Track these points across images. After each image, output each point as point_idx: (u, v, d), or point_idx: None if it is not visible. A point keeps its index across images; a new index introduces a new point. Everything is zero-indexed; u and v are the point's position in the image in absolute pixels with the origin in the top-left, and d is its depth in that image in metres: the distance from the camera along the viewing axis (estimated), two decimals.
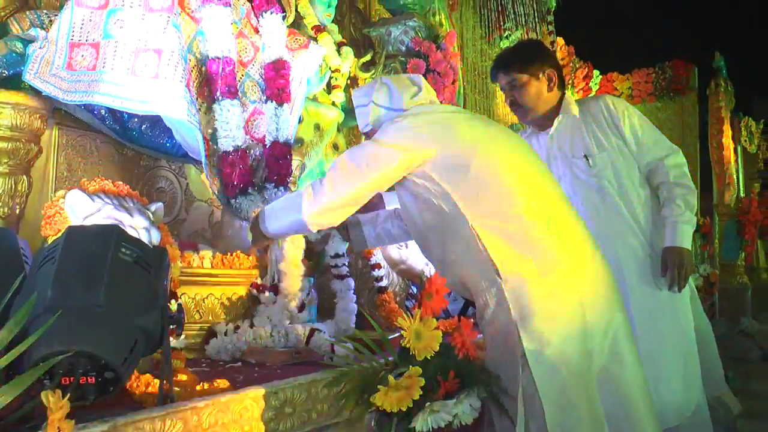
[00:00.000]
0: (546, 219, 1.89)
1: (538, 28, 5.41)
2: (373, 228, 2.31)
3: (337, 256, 2.62)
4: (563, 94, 2.63)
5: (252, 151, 2.56)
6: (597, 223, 2.49)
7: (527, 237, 1.84)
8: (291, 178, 2.70)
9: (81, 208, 1.75)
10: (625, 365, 1.89)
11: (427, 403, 1.63)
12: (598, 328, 1.85)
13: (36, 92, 2.17)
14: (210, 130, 2.49)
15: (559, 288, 1.82)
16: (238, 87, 2.55)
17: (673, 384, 2.49)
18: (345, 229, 2.32)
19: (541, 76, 2.54)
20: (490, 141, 1.95)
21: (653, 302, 2.53)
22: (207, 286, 2.28)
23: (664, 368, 2.49)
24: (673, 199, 2.54)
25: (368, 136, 2.09)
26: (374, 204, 2.35)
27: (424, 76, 3.81)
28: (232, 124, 2.44)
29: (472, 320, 1.79)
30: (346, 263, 2.63)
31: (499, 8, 5.21)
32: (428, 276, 1.79)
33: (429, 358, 1.66)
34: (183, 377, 1.68)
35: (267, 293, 2.35)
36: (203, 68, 2.51)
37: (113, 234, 1.44)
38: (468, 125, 2.00)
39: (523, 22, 5.23)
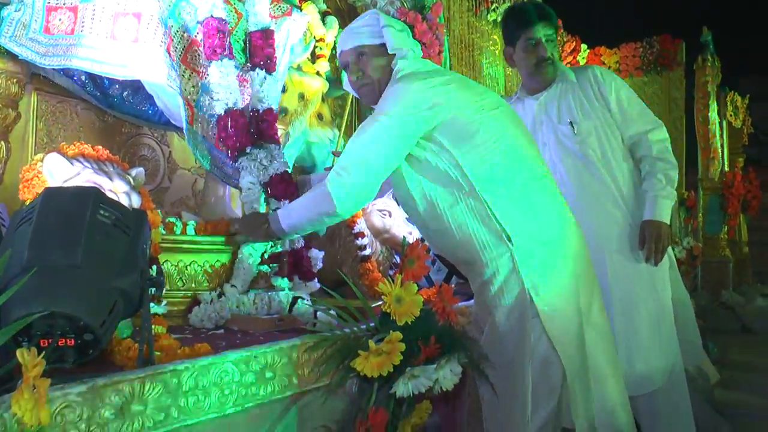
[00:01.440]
0: (543, 190, 1.97)
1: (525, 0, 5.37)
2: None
3: None
4: None
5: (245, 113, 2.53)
6: (579, 190, 2.55)
7: (531, 204, 1.91)
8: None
9: (60, 172, 1.73)
10: (600, 334, 1.98)
11: (408, 369, 1.64)
12: (586, 298, 1.95)
13: (12, 56, 2.14)
14: (195, 97, 2.45)
15: (559, 255, 1.91)
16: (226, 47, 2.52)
17: (648, 352, 2.53)
18: None
19: (557, 38, 2.61)
20: (493, 109, 1.99)
21: (631, 271, 2.56)
22: (190, 254, 2.26)
23: (640, 336, 2.53)
24: (655, 173, 2.57)
25: (359, 55, 2.08)
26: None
27: None
28: (225, 86, 2.40)
29: (453, 287, 1.80)
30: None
31: None
32: (410, 243, 1.79)
33: (410, 323, 1.67)
34: (165, 343, 1.68)
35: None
36: (186, 34, 2.47)
37: (91, 196, 1.43)
38: (473, 92, 2.02)
39: None
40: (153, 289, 1.53)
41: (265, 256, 2.30)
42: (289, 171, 2.43)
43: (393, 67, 2.04)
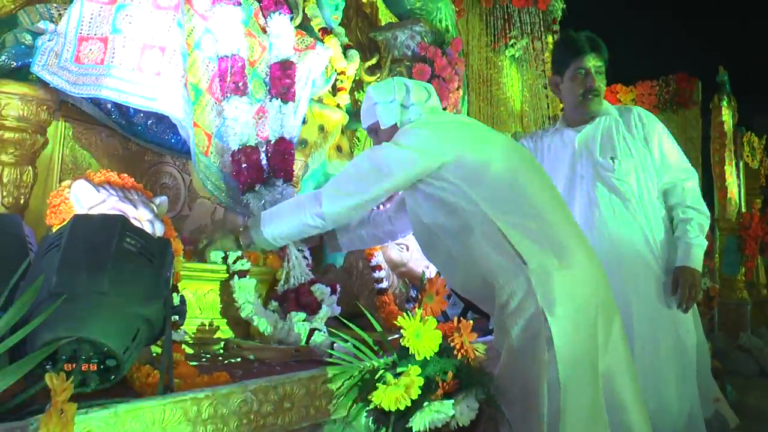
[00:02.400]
0: (559, 221, 2.00)
1: (543, 37, 5.44)
2: (347, 233, 2.44)
3: None
4: None
5: (260, 148, 2.57)
6: (612, 226, 2.59)
7: (546, 234, 1.94)
8: (294, 178, 2.71)
9: (86, 199, 1.76)
10: (621, 369, 1.98)
11: (426, 403, 1.65)
12: (604, 328, 1.94)
13: (43, 84, 2.19)
14: (215, 128, 2.50)
15: (577, 283, 1.91)
16: (247, 85, 2.57)
17: (668, 394, 2.51)
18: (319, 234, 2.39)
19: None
20: (504, 149, 2.06)
21: (655, 313, 2.56)
22: (209, 282, 2.29)
23: (661, 378, 2.51)
24: (689, 221, 2.60)
25: (374, 132, 2.21)
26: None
27: (429, 81, 3.86)
28: (241, 122, 2.45)
29: (471, 323, 1.81)
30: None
31: (506, 16, 5.24)
32: (429, 278, 1.80)
33: (428, 358, 1.68)
34: (183, 370, 1.69)
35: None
36: (211, 65, 2.53)
37: (118, 223, 1.46)
38: (483, 134, 2.11)
39: (529, 31, 5.26)
40: (175, 317, 1.56)
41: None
42: None
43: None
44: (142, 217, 1.84)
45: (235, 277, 2.24)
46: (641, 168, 2.63)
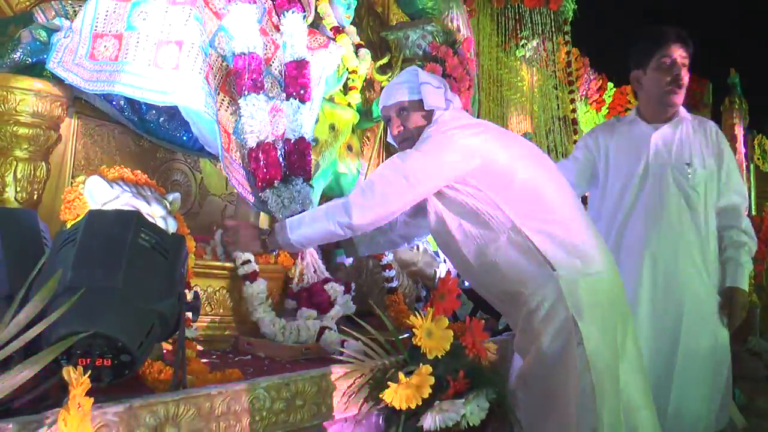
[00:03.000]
0: (582, 228, 2.03)
1: (554, 37, 5.43)
2: (364, 238, 2.42)
3: None
4: None
5: (275, 145, 2.58)
6: (677, 230, 2.59)
7: (572, 241, 1.96)
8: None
9: (100, 194, 1.76)
10: (633, 366, 2.00)
11: (436, 402, 1.65)
12: (621, 333, 1.98)
13: (58, 81, 2.20)
14: (233, 125, 2.51)
15: (600, 290, 1.95)
16: (264, 82, 2.57)
17: (698, 400, 2.55)
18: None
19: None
20: (528, 158, 2.07)
21: (702, 325, 2.58)
22: (218, 279, 2.29)
23: (698, 380, 2.55)
24: (742, 245, 2.63)
25: (402, 110, 2.19)
26: None
27: None
28: (258, 119, 2.45)
29: (483, 322, 1.81)
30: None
31: (517, 17, 5.23)
32: (441, 277, 1.81)
33: (439, 357, 1.68)
34: (195, 366, 1.70)
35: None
36: (225, 64, 2.53)
37: (133, 219, 1.46)
38: (508, 140, 2.11)
39: (540, 32, 5.25)
40: (189, 313, 1.56)
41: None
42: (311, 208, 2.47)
43: (433, 121, 2.14)
44: (155, 213, 1.85)
45: (246, 282, 2.25)
46: (710, 181, 2.63)
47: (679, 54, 2.61)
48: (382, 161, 4.59)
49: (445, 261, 3.56)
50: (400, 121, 2.21)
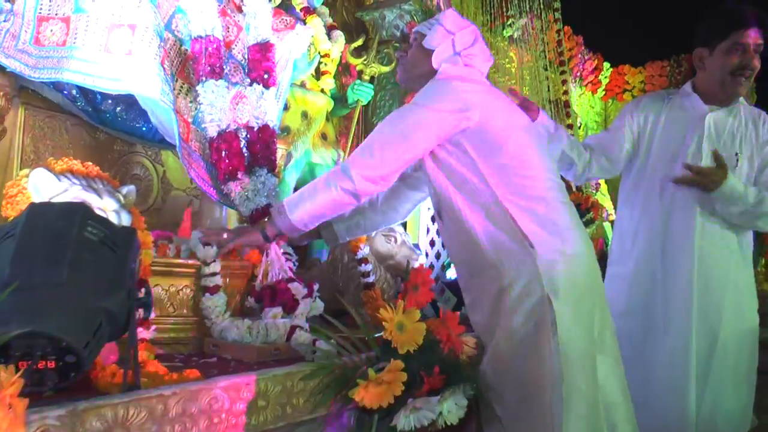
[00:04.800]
0: (565, 212, 2.09)
1: (543, 15, 5.45)
2: (343, 222, 2.45)
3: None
4: None
5: (239, 134, 2.58)
6: (716, 220, 2.66)
7: (553, 220, 2.02)
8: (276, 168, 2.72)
9: (46, 188, 1.76)
10: (612, 360, 2.06)
11: (410, 400, 1.66)
12: (598, 324, 2.03)
13: (0, 69, 2.19)
14: (192, 113, 2.50)
15: (579, 273, 2.01)
16: (223, 67, 2.57)
17: (734, 399, 2.68)
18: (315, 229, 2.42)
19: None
20: (523, 130, 2.14)
21: (739, 316, 2.70)
22: (182, 278, 2.30)
23: (733, 380, 2.67)
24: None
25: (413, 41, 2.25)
26: None
27: None
28: (218, 106, 2.45)
29: (458, 314, 1.83)
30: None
31: None
32: (413, 267, 1.82)
33: (412, 351, 1.70)
34: (152, 369, 1.70)
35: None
36: (182, 48, 2.53)
37: (79, 212, 1.47)
38: (507, 106, 2.18)
39: (528, 9, 5.26)
40: (141, 311, 1.57)
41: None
42: (275, 202, 2.47)
43: (435, 68, 2.20)
44: (107, 207, 1.85)
45: (206, 294, 2.25)
46: (751, 173, 2.69)
47: (753, 39, 2.59)
48: None
49: (427, 255, 3.59)
50: (407, 47, 2.31)
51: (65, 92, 2.47)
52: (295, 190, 3.42)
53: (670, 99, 2.84)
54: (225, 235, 2.26)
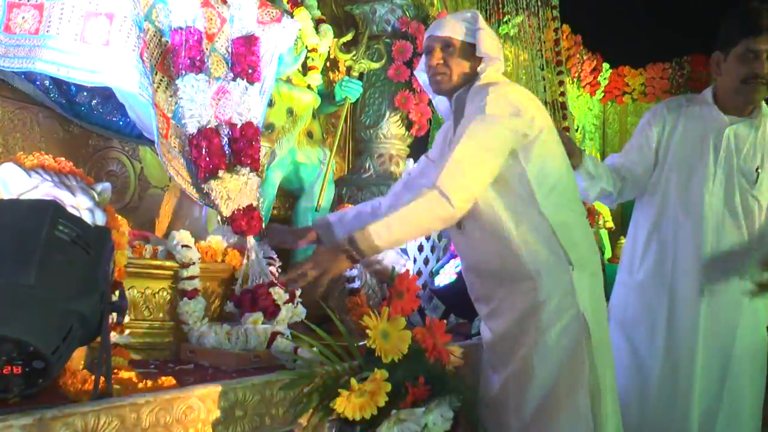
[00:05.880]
0: (588, 226, 2.30)
1: (541, 13, 5.47)
2: (342, 227, 2.46)
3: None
4: None
5: (221, 131, 2.58)
6: (735, 240, 2.66)
7: (586, 234, 2.22)
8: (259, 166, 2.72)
9: (15, 184, 1.75)
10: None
11: (393, 412, 1.66)
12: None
13: None
14: (172, 108, 2.50)
15: (600, 288, 2.21)
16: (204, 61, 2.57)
17: (752, 398, 2.72)
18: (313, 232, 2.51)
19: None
20: (550, 130, 2.22)
21: (754, 340, 2.73)
22: (159, 280, 2.29)
23: (750, 380, 2.71)
24: None
25: (447, 46, 2.25)
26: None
27: (411, 60, 3.86)
28: (198, 101, 2.44)
29: (444, 322, 1.83)
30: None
31: None
32: (399, 273, 1.82)
33: (397, 361, 1.70)
34: (125, 375, 1.70)
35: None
36: (163, 39, 2.52)
37: (49, 210, 1.46)
38: (541, 109, 2.25)
39: (525, 6, 5.29)
40: (114, 315, 1.56)
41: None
42: (257, 202, 2.47)
43: (478, 71, 2.23)
44: (80, 205, 1.84)
45: (184, 298, 2.25)
46: None
47: (765, 47, 2.54)
48: (348, 150, 4.61)
49: (415, 261, 3.59)
50: (443, 56, 2.26)
51: (37, 83, 2.46)
52: (279, 189, 3.44)
53: (688, 106, 2.80)
54: (309, 268, 2.09)
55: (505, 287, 2.18)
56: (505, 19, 5.45)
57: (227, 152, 2.49)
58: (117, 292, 1.61)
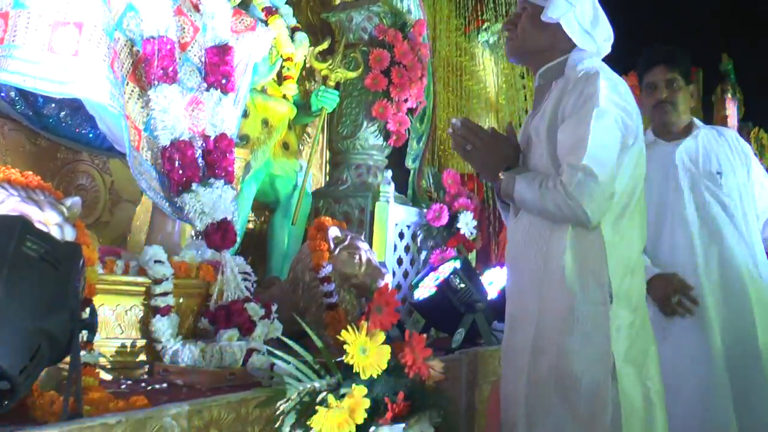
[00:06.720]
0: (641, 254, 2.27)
1: None
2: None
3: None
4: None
5: (194, 143, 2.58)
6: (726, 241, 2.90)
7: (636, 267, 2.16)
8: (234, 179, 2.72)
9: None
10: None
11: (372, 428, 1.67)
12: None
13: None
14: (144, 119, 2.50)
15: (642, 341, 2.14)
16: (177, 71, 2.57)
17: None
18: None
19: (691, 88, 3.05)
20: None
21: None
22: (131, 296, 2.28)
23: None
24: None
25: (523, 10, 2.25)
26: None
27: (389, 69, 3.88)
28: (172, 113, 2.45)
29: (424, 336, 1.84)
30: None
31: None
32: (378, 287, 1.83)
33: (375, 376, 1.71)
34: (95, 395, 1.69)
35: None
36: (134, 48, 2.53)
37: (17, 225, 1.46)
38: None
39: (504, 14, 5.33)
40: (85, 333, 1.56)
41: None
42: (232, 216, 2.47)
43: (556, 41, 2.20)
44: (49, 220, 1.84)
45: (157, 315, 2.25)
46: (743, 188, 2.96)
47: (660, 76, 2.98)
48: (324, 161, 4.63)
49: (394, 274, 3.60)
50: (514, 18, 2.29)
51: (2, 94, 2.45)
52: (254, 202, 3.45)
53: (654, 145, 3.03)
54: (478, 140, 2.22)
55: (545, 304, 2.12)
56: (484, 27, 5.50)
57: (201, 165, 2.50)
58: (87, 310, 1.61)
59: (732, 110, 8.27)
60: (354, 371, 1.69)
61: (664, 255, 2.93)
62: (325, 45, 3.88)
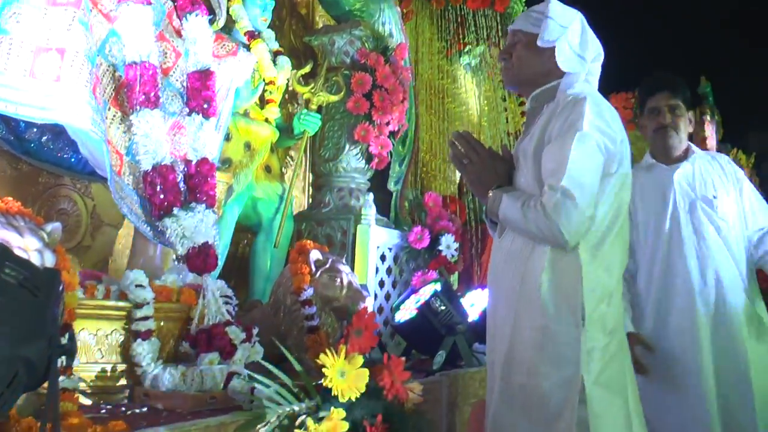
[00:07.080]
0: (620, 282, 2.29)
1: (502, 43, 5.58)
2: None
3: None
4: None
5: (176, 168, 2.59)
6: (717, 263, 3.00)
7: (613, 293, 2.15)
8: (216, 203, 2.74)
9: None
10: None
11: None
12: (633, 393, 2.18)
13: None
14: (126, 144, 2.51)
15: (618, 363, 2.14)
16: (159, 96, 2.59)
17: None
18: None
19: (690, 115, 3.17)
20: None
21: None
22: (111, 321, 2.29)
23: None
24: None
25: (516, 43, 2.30)
26: None
27: (370, 92, 3.91)
28: (153, 138, 2.46)
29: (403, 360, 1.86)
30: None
31: (459, 20, 5.35)
32: (356, 310, 1.85)
33: (354, 399, 1.72)
34: (74, 421, 1.69)
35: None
36: (116, 73, 2.54)
37: None
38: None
39: (486, 37, 5.37)
40: (63, 359, 1.56)
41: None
42: (213, 240, 2.48)
43: (551, 66, 2.23)
44: (28, 246, 1.85)
45: (138, 339, 2.25)
46: (735, 210, 3.08)
47: (664, 102, 3.11)
48: (306, 184, 4.65)
49: (376, 296, 3.62)
50: (509, 49, 2.35)
51: None
52: (237, 225, 3.45)
53: (638, 171, 3.07)
54: (475, 156, 2.28)
55: (536, 328, 2.10)
56: (466, 50, 5.54)
57: (182, 189, 2.51)
58: (66, 335, 1.61)
59: (711, 132, 8.34)
60: (333, 394, 1.71)
61: (660, 277, 3.03)
62: (307, 68, 3.91)
